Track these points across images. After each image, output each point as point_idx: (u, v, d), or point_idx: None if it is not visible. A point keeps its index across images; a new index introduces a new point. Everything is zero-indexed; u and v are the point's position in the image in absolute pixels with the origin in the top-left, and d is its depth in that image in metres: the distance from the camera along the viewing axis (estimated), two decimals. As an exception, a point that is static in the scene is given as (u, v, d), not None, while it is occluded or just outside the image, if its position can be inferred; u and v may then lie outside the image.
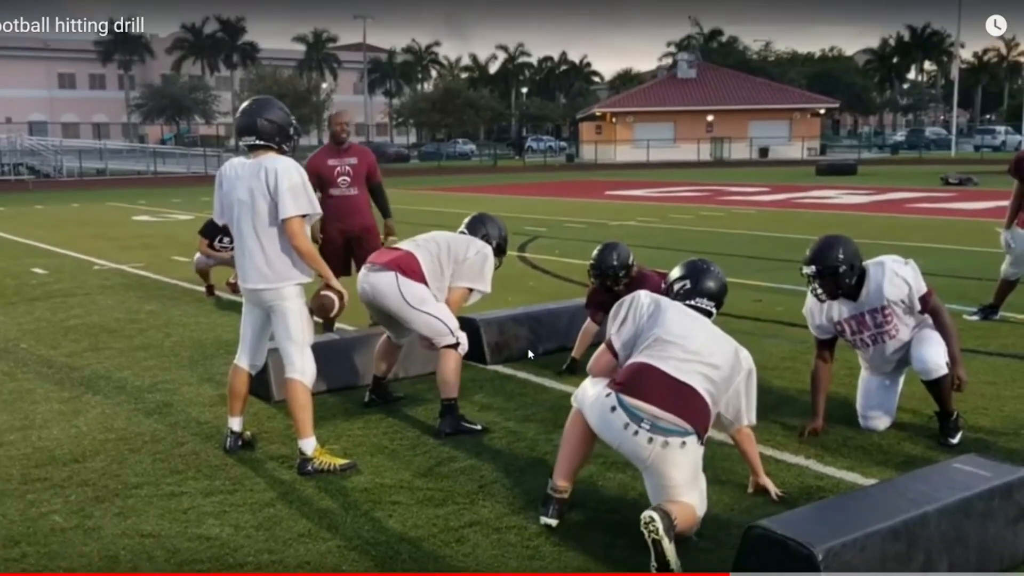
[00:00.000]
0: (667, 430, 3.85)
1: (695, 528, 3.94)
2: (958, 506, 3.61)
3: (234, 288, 9.64)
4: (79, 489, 4.65)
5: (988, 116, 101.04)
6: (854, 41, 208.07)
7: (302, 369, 4.94)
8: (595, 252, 6.56)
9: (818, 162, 45.53)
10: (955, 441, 5.18)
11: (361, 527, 4.17)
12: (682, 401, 3.93)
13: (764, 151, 63.07)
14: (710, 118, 64.77)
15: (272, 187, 4.76)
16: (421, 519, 4.25)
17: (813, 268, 5.21)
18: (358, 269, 8.20)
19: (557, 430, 5.35)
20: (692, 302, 4.39)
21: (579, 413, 4.18)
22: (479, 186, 36.29)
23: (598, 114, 67.89)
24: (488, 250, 5.86)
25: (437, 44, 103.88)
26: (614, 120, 65.07)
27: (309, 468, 4.85)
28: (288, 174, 4.77)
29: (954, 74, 65.14)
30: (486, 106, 74.92)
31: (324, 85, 78.28)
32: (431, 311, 5.55)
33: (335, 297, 5.09)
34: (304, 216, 4.83)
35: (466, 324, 7.16)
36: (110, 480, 4.77)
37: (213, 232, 10.06)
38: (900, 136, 79.45)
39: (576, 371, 6.64)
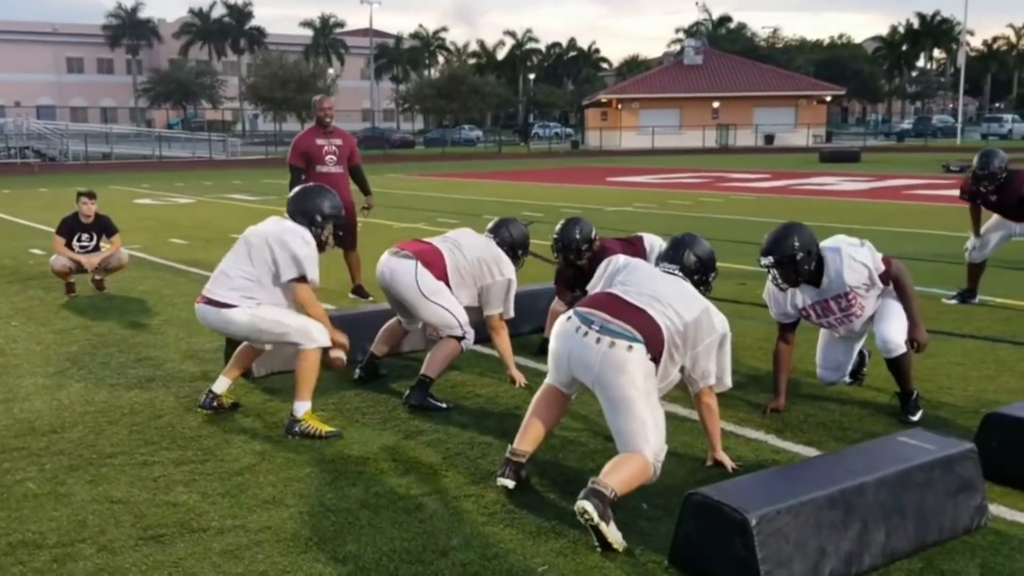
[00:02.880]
0: (615, 332, 4.02)
1: (655, 476, 3.96)
2: (897, 477, 3.71)
3: (98, 285, 9.65)
4: (55, 458, 4.78)
5: (997, 104, 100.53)
6: (864, 28, 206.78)
7: (315, 338, 5.11)
8: (558, 227, 6.55)
9: (821, 149, 45.48)
10: (915, 418, 5.28)
11: (324, 495, 4.29)
12: (633, 316, 4.11)
13: (770, 138, 62.96)
14: (716, 105, 64.65)
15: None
16: (383, 488, 4.37)
17: (770, 259, 5.26)
18: (337, 246, 8.62)
19: (526, 406, 5.47)
20: (660, 266, 4.54)
21: (549, 384, 4.36)
22: (482, 172, 36.35)
23: (604, 100, 67.81)
24: (511, 273, 5.98)
25: (444, 30, 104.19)
26: (619, 106, 64.99)
27: (296, 429, 5.02)
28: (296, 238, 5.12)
29: (961, 61, 64.81)
30: (492, 92, 74.82)
31: (330, 71, 78.27)
32: (442, 303, 5.69)
33: (342, 354, 5.29)
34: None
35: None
36: (85, 450, 4.90)
37: (70, 232, 9.44)
38: (907, 124, 79.19)
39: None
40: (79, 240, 9.43)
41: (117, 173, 37.22)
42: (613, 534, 3.69)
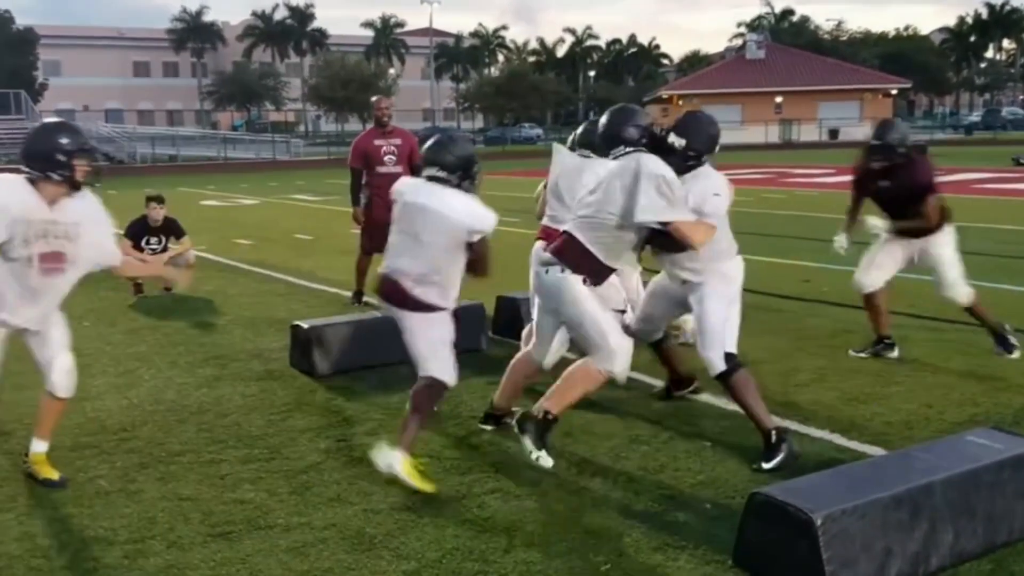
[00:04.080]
0: (547, 261, 4.63)
1: (600, 382, 4.62)
2: (965, 477, 3.64)
3: (166, 286, 9.64)
4: (125, 456, 4.90)
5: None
6: (930, 20, 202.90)
7: None
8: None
9: (888, 143, 44.53)
10: (767, 467, 4.52)
11: (388, 493, 4.33)
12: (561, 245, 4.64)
13: (834, 133, 61.86)
14: (779, 99, 63.80)
15: None
16: (446, 486, 4.40)
17: None
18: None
19: (591, 407, 5.49)
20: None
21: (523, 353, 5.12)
22: (543, 170, 36.14)
23: (665, 96, 67.35)
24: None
25: (504, 28, 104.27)
26: (680, 103, 64.46)
27: None
28: None
29: (1032, 52, 63.14)
30: (551, 90, 74.71)
31: (391, 71, 78.86)
32: None
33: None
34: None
35: (506, 303, 7.31)
36: (155, 448, 5.02)
37: (138, 235, 9.57)
38: (975, 116, 77.36)
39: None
40: (148, 243, 9.61)
41: (183, 175, 37.90)
42: (526, 444, 4.54)
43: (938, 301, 8.33)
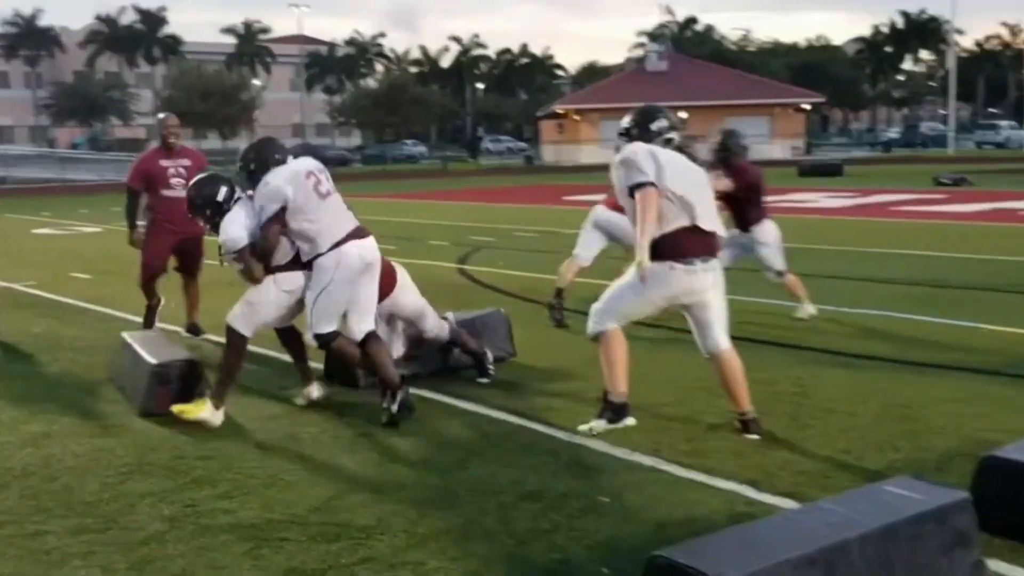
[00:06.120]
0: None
1: None
2: (883, 532, 3.69)
3: None
4: (-69, 531, 4.65)
5: (992, 109, 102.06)
6: (843, 29, 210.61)
7: None
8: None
9: (800, 162, 45.99)
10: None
11: (242, 567, 4.19)
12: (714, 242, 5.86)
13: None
14: (682, 114, 64.97)
15: None
16: (310, 556, 4.28)
17: None
18: (181, 273, 8.94)
19: (473, 458, 5.47)
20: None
21: (615, 331, 5.92)
22: (427, 192, 36.33)
23: (560, 112, 68.20)
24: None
25: (383, 35, 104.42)
26: (578, 118, 65.39)
27: None
28: None
29: (951, 63, 66.11)
30: (436, 103, 75.05)
31: (255, 81, 78.07)
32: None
33: None
34: None
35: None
36: (-33, 520, 4.77)
37: None
38: (894, 133, 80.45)
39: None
40: None
41: (14, 199, 36.66)
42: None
43: (853, 336, 8.60)
